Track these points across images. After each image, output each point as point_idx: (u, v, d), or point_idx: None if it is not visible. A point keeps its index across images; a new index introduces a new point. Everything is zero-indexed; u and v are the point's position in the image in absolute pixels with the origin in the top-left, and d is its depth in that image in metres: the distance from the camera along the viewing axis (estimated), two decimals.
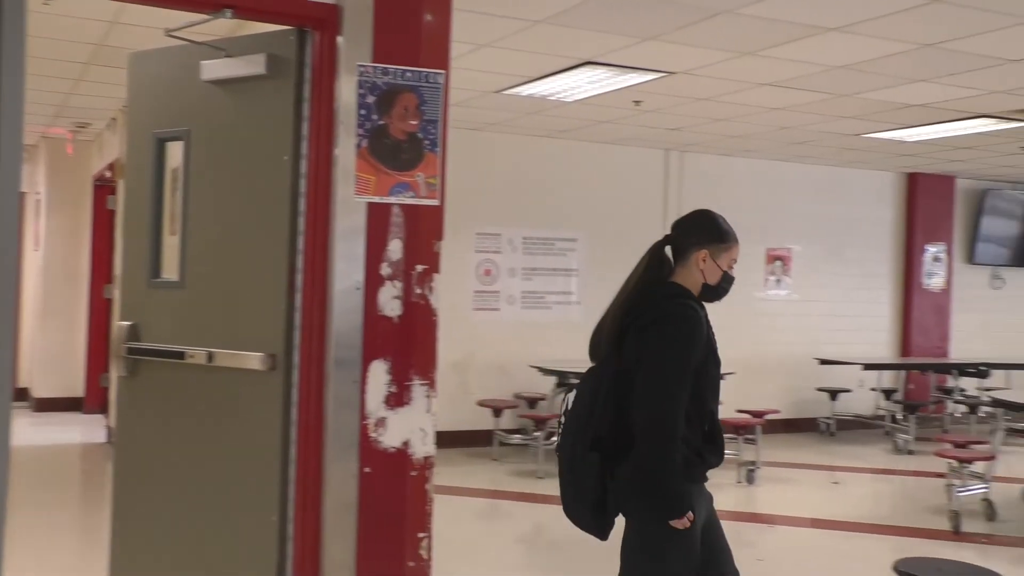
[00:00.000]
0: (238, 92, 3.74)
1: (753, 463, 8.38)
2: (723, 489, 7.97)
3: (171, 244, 3.98)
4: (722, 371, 3.06)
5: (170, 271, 3.96)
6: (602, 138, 9.98)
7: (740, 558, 5.20)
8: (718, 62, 6.60)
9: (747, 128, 9.12)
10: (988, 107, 7.99)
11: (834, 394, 11.19)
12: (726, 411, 9.54)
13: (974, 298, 12.49)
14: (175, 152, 3.97)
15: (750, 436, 8.58)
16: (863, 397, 11.46)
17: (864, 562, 5.96)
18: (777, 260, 11.15)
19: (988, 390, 10.00)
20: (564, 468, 3.01)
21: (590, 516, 2.99)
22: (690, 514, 2.89)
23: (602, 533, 3.04)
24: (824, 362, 10.84)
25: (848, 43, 6.06)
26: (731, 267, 3.09)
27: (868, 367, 10.85)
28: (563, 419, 3.08)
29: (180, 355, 3.78)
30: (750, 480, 8.19)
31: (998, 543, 6.52)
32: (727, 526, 3.20)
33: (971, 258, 12.38)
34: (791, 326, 11.35)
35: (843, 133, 9.25)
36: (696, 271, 3.05)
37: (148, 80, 4.07)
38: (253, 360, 3.61)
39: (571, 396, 3.08)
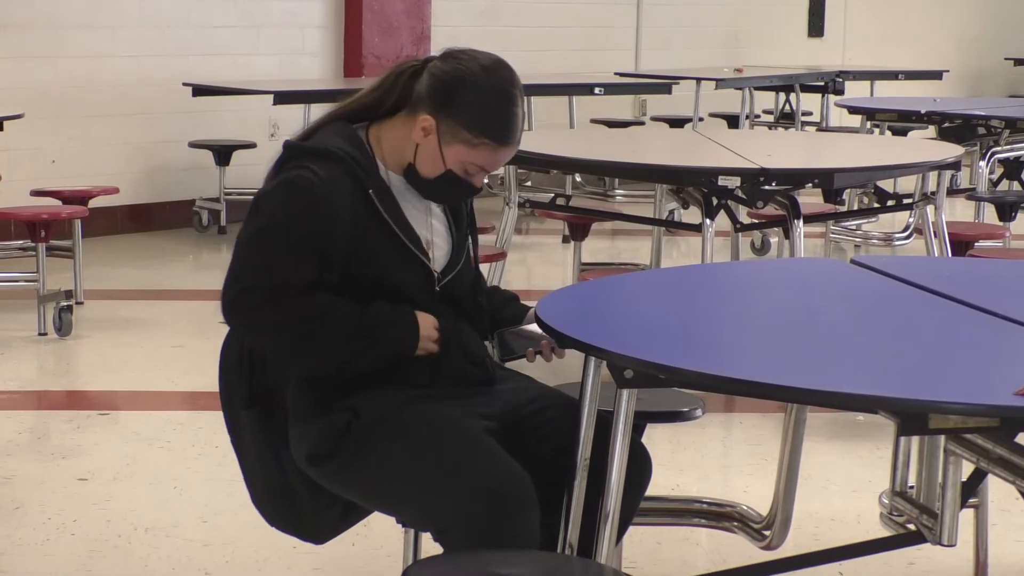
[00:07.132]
0: None
1: (68, 294, 6.19)
2: (13, 348, 5.88)
3: None
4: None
5: None
6: None
7: (55, 484, 4.33)
8: None
9: None
10: None
11: (223, 153, 7.98)
12: (13, 194, 7.25)
13: None
14: None
15: (61, 244, 6.39)
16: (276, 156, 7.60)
17: None
18: None
19: None
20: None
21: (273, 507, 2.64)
22: None
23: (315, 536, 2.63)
24: (201, 91, 7.65)
25: None
26: (468, 172, 2.42)
27: (282, 99, 7.63)
28: None
29: None
30: (62, 328, 6.03)
31: None
32: (26, 417, 3.65)
33: None
34: (133, 22, 7.97)
35: None
36: (409, 140, 2.44)
37: None
38: None
39: None
